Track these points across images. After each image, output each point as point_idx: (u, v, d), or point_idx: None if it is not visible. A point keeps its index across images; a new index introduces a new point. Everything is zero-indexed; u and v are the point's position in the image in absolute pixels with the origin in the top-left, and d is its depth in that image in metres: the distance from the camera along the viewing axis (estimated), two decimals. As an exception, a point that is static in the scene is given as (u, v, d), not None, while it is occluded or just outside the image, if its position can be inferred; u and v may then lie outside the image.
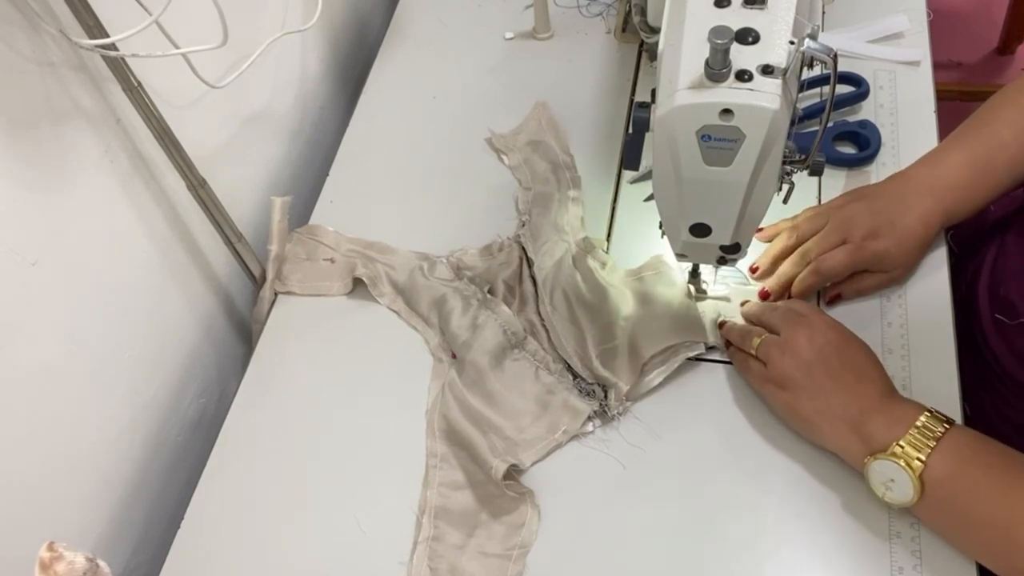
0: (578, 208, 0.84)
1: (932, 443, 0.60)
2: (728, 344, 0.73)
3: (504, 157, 0.90)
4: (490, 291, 0.79)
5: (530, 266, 0.81)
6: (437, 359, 0.77)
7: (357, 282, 0.82)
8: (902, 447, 0.60)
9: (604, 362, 0.73)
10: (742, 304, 0.76)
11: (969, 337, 0.78)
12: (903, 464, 0.60)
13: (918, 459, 0.60)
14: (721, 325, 0.75)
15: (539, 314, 0.78)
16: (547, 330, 0.77)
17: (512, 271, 0.81)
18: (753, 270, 0.77)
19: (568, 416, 0.71)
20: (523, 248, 0.82)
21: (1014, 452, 0.61)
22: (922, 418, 0.61)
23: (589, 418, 0.71)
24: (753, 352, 0.70)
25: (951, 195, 0.73)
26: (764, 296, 0.76)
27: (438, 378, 0.76)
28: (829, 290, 0.75)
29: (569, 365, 0.75)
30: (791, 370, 0.67)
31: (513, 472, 0.68)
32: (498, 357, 0.75)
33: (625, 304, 0.76)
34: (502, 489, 0.67)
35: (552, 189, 0.86)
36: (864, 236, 0.72)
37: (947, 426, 0.61)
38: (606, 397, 0.72)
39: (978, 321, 0.79)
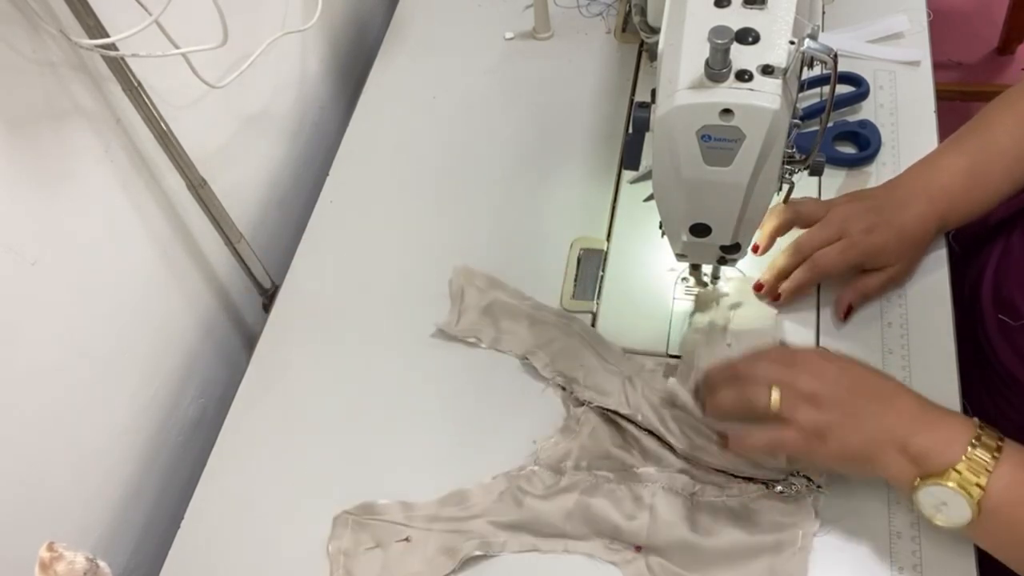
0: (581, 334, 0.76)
1: (990, 465, 0.56)
2: (721, 436, 0.66)
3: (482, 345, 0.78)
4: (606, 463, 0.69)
5: (620, 415, 0.70)
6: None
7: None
8: (959, 472, 0.56)
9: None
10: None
11: (973, 338, 0.78)
12: (963, 492, 0.56)
13: (977, 485, 0.56)
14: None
15: (672, 450, 0.68)
16: (692, 463, 0.68)
17: (609, 431, 0.70)
18: (758, 288, 0.76)
19: (798, 519, 0.64)
20: (587, 403, 0.72)
21: None
22: (974, 438, 0.57)
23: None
24: (771, 412, 0.62)
25: (946, 199, 0.72)
26: (758, 289, 0.75)
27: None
28: (839, 305, 0.74)
29: (748, 477, 0.66)
30: (825, 414, 0.61)
31: None
32: (689, 520, 0.66)
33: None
34: None
35: (558, 334, 0.76)
36: (861, 231, 0.72)
37: (1000, 442, 0.57)
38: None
39: (982, 322, 0.78)
